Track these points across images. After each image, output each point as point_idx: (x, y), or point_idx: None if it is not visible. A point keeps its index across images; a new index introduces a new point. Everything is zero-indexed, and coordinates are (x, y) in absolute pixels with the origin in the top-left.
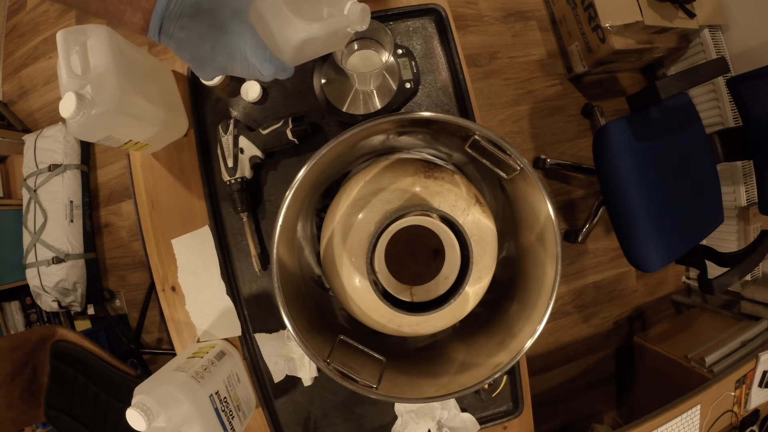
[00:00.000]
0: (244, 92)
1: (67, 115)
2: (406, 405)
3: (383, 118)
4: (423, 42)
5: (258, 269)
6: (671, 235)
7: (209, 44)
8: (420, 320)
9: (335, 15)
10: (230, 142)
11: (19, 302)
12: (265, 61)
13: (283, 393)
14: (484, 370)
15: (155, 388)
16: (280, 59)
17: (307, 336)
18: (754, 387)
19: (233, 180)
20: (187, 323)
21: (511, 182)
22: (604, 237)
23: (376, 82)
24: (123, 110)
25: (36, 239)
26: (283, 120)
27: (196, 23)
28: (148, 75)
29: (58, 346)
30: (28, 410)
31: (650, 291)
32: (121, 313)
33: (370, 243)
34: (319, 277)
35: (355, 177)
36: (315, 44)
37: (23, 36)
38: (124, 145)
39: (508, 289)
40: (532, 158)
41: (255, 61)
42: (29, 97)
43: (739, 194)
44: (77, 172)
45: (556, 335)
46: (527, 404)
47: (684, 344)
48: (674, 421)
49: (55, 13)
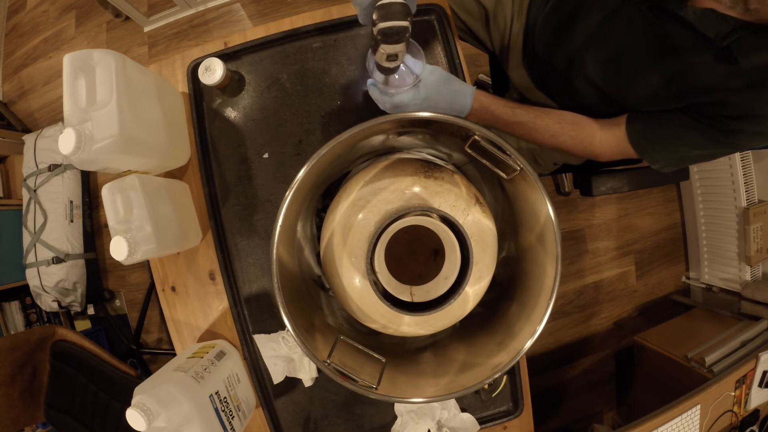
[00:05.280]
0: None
1: (66, 152)
2: (406, 405)
3: (383, 118)
4: (423, 42)
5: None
6: None
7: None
8: (420, 320)
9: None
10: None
11: (19, 302)
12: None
13: (283, 393)
14: (484, 370)
15: (155, 388)
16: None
17: (307, 336)
18: (754, 387)
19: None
20: (187, 323)
21: (511, 182)
22: (604, 237)
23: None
24: (123, 150)
25: (36, 239)
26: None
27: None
28: (154, 101)
29: (58, 346)
30: (28, 410)
31: (650, 291)
32: (121, 313)
33: (370, 243)
34: (319, 277)
35: (355, 177)
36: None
37: (23, 36)
38: (123, 173)
39: (508, 289)
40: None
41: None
42: (29, 97)
43: (739, 194)
44: (77, 172)
45: (556, 335)
46: (527, 404)
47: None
48: (674, 421)
49: (55, 13)
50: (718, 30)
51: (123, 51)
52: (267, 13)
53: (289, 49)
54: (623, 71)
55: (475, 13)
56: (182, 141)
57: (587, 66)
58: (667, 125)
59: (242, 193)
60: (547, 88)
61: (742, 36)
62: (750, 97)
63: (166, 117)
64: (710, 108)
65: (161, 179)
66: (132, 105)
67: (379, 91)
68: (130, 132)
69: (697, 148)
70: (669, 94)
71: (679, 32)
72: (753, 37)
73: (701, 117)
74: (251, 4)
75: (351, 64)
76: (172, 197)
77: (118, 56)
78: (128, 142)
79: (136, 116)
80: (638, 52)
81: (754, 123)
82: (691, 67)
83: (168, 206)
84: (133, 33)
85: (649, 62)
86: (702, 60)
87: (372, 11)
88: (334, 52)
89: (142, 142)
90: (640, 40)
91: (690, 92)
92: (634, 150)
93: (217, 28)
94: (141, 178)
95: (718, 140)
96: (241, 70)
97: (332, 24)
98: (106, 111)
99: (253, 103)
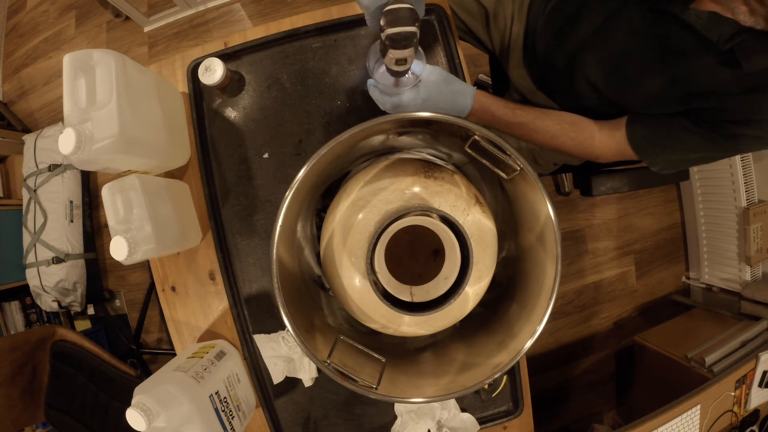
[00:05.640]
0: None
1: (66, 152)
2: (406, 405)
3: (383, 118)
4: (423, 42)
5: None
6: None
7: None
8: (420, 320)
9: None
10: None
11: (19, 302)
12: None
13: (283, 393)
14: (484, 370)
15: (155, 388)
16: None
17: (307, 336)
18: (754, 387)
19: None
20: (187, 323)
21: (511, 182)
22: (604, 237)
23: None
24: (123, 150)
25: (36, 239)
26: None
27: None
28: (154, 101)
29: (58, 346)
30: (28, 410)
31: (650, 291)
32: (121, 313)
33: (370, 243)
34: (319, 277)
35: (355, 177)
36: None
37: (23, 36)
38: (123, 173)
39: (508, 289)
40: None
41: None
42: (29, 97)
43: (739, 194)
44: (77, 172)
45: (556, 335)
46: (527, 404)
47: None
48: (674, 421)
49: (55, 13)
50: (721, 33)
51: (123, 51)
52: (267, 13)
53: (289, 49)
54: (624, 73)
55: (475, 13)
56: (182, 141)
57: (588, 67)
58: (668, 128)
59: (242, 193)
60: (548, 89)
61: (744, 40)
62: (751, 101)
63: (166, 117)
64: (711, 111)
65: (161, 179)
66: (132, 105)
67: (379, 91)
68: (130, 132)
69: (696, 151)
70: (670, 97)
71: (681, 35)
72: (756, 40)
73: (702, 120)
74: (251, 4)
75: (351, 64)
76: (172, 197)
77: (118, 56)
78: (128, 142)
79: (136, 116)
80: (640, 54)
81: (754, 127)
82: (693, 70)
83: (168, 206)
84: (133, 33)
85: (650, 64)
86: (704, 63)
87: (379, 16)
88: (334, 52)
89: (142, 142)
90: (641, 42)
91: (691, 95)
92: (634, 152)
93: (217, 28)
94: (141, 178)
95: (719, 143)
96: (241, 70)
97: (332, 24)
98: (106, 111)
99: (253, 103)
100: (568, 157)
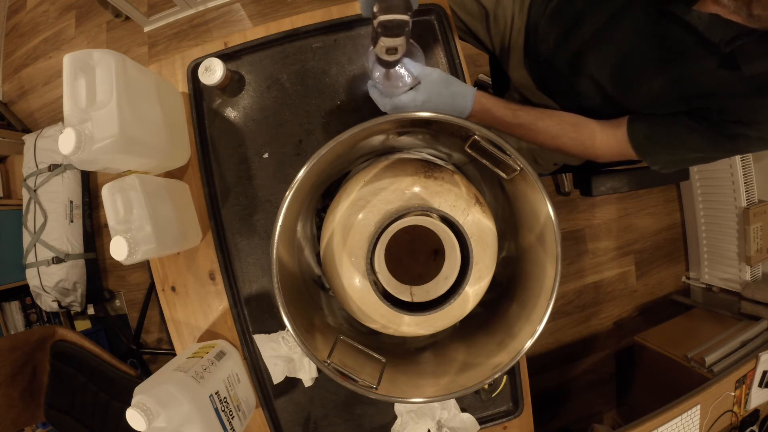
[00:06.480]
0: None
1: (66, 152)
2: (406, 405)
3: (383, 118)
4: (423, 42)
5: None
6: None
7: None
8: (420, 320)
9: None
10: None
11: (19, 302)
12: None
13: (283, 393)
14: (484, 370)
15: (155, 388)
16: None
17: (307, 336)
18: (754, 387)
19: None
20: (187, 323)
21: (511, 182)
22: (604, 237)
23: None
24: (123, 150)
25: (36, 239)
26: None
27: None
28: (154, 101)
29: (58, 346)
30: (28, 410)
31: (650, 291)
32: (121, 313)
33: (370, 243)
34: (319, 277)
35: (355, 177)
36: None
37: (23, 36)
38: (123, 173)
39: (508, 289)
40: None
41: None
42: (29, 97)
43: (739, 194)
44: (77, 172)
45: (556, 335)
46: (527, 404)
47: (684, 344)
48: (674, 421)
49: (55, 13)
50: (722, 35)
51: (123, 51)
52: (267, 13)
53: (289, 49)
54: (626, 74)
55: (475, 13)
56: (182, 141)
57: (590, 68)
58: (669, 127)
59: (242, 193)
60: (548, 89)
61: (745, 42)
62: (752, 103)
63: (166, 117)
64: (712, 112)
65: (161, 179)
66: (132, 105)
67: (379, 92)
68: (130, 132)
69: (697, 151)
70: (672, 98)
71: (683, 36)
72: (756, 44)
73: (703, 120)
74: (251, 4)
75: (351, 64)
76: (172, 197)
77: (118, 56)
78: (128, 142)
79: (136, 116)
80: (642, 55)
81: (755, 128)
82: (695, 72)
83: (168, 206)
84: (133, 33)
85: (652, 65)
86: (705, 65)
87: (373, 2)
88: (334, 52)
89: (142, 142)
90: (644, 43)
91: (692, 96)
92: (635, 151)
93: (217, 28)
94: (141, 178)
95: (720, 144)
96: (241, 70)
97: (332, 24)
98: (106, 111)
99: (253, 103)
100: (569, 157)
